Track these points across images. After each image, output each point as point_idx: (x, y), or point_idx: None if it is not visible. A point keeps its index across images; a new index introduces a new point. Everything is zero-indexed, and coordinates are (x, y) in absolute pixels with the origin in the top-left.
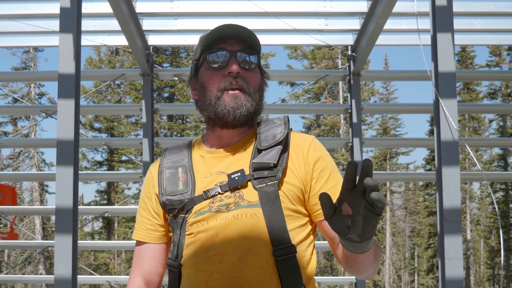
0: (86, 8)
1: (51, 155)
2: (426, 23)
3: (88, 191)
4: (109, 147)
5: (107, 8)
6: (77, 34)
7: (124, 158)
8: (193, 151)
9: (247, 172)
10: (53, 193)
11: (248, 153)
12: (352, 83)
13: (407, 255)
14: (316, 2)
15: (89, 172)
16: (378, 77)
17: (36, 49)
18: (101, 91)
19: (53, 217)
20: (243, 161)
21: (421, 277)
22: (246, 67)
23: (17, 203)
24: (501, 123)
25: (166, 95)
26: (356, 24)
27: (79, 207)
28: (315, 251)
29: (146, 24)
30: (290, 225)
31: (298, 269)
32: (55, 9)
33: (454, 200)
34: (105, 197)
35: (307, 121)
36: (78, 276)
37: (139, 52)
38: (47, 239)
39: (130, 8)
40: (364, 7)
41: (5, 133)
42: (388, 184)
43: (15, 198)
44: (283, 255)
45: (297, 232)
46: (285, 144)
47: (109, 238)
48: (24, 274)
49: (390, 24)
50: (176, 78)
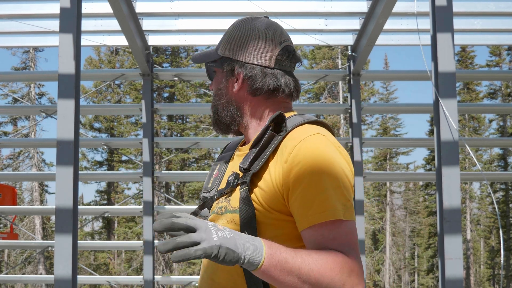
0: (86, 8)
1: (51, 155)
2: (426, 23)
3: (88, 191)
4: (109, 147)
5: (107, 8)
6: (77, 34)
7: (124, 158)
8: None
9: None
10: (53, 193)
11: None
12: (352, 83)
13: (407, 255)
14: (316, 2)
15: (89, 172)
16: (378, 77)
17: (36, 49)
18: (101, 91)
19: (53, 217)
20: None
21: (421, 277)
22: (211, 80)
23: (17, 203)
24: (501, 123)
25: (166, 95)
26: (356, 24)
27: (79, 207)
28: None
29: (146, 24)
30: (263, 234)
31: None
32: (55, 9)
33: (454, 200)
34: (105, 197)
35: None
36: (78, 276)
37: (139, 52)
38: (47, 239)
39: (130, 8)
40: (364, 7)
41: (5, 133)
42: (388, 184)
43: (15, 198)
44: None
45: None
46: (264, 145)
47: (109, 238)
48: (24, 274)
49: (390, 24)
50: (176, 78)
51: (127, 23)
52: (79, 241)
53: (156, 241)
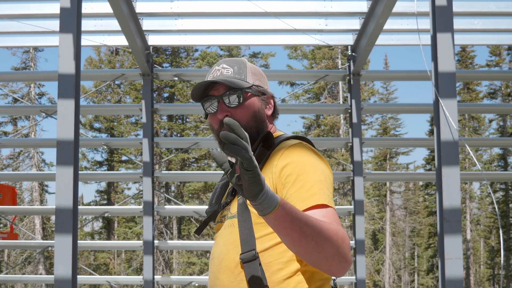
0: (86, 8)
1: (51, 155)
2: (426, 23)
3: (88, 191)
4: (109, 147)
5: (107, 8)
6: (77, 34)
7: (124, 158)
8: None
9: None
10: (53, 193)
11: None
12: (352, 83)
13: (407, 255)
14: (316, 2)
15: (89, 172)
16: (378, 77)
17: (36, 49)
18: (101, 91)
19: (53, 217)
20: None
21: (421, 277)
22: (232, 106)
23: (17, 203)
24: (501, 123)
25: (166, 95)
26: (356, 24)
27: (79, 207)
28: (295, 256)
29: (146, 24)
30: (258, 232)
31: (259, 273)
32: (55, 9)
33: (454, 200)
34: (105, 197)
35: (307, 121)
36: (78, 276)
37: (139, 52)
38: (47, 239)
39: (130, 8)
40: (364, 7)
41: (5, 133)
42: (388, 184)
43: (15, 198)
44: (247, 260)
45: (266, 239)
46: (256, 159)
47: (109, 238)
48: (24, 274)
49: (390, 24)
50: (176, 78)
51: (127, 23)
52: (79, 241)
53: (156, 241)
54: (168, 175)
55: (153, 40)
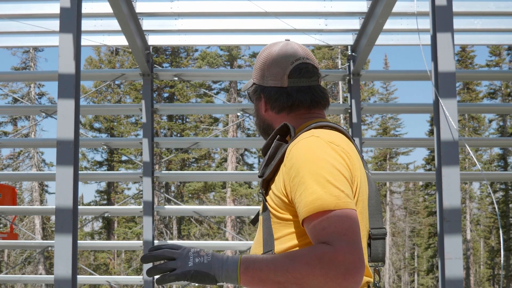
0: (86, 8)
1: (51, 155)
2: (426, 23)
3: (88, 191)
4: (109, 147)
5: (107, 8)
6: (77, 34)
7: (124, 158)
8: None
9: None
10: (53, 193)
11: None
12: (352, 83)
13: (407, 255)
14: (316, 2)
15: (89, 172)
16: (378, 77)
17: (36, 49)
18: (101, 91)
19: (53, 217)
20: None
21: (421, 277)
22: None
23: (17, 203)
24: (501, 123)
25: (166, 95)
26: (356, 24)
27: (79, 207)
28: None
29: (146, 24)
30: (277, 233)
31: None
32: (55, 9)
33: (454, 200)
34: (105, 197)
35: None
36: (78, 276)
37: (139, 52)
38: (47, 239)
39: (130, 8)
40: (364, 7)
41: (5, 133)
42: (388, 184)
43: (15, 198)
44: None
45: (285, 240)
46: (271, 154)
47: (109, 238)
48: (24, 274)
49: (390, 24)
50: (176, 78)
51: (127, 23)
52: (79, 241)
53: (156, 241)
54: (168, 175)
55: (153, 40)
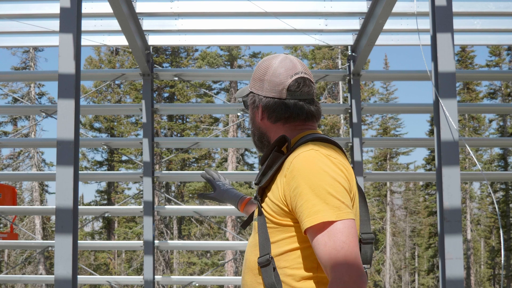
0: (86, 8)
1: (51, 155)
2: (426, 23)
3: (88, 191)
4: (109, 147)
5: (107, 8)
6: (77, 34)
7: (124, 158)
8: None
9: None
10: (53, 193)
11: None
12: (352, 83)
13: (407, 255)
14: (316, 2)
15: (89, 172)
16: (378, 77)
17: (36, 49)
18: (101, 91)
19: (53, 217)
20: None
21: (421, 277)
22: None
23: (17, 203)
24: (501, 123)
25: (166, 95)
26: (356, 24)
27: (79, 207)
28: (314, 258)
29: (146, 24)
30: (273, 237)
31: (272, 276)
32: (55, 9)
33: (454, 200)
34: (105, 197)
35: None
36: (78, 276)
37: (139, 52)
38: (47, 239)
39: (130, 8)
40: (364, 7)
41: (5, 133)
42: (388, 184)
43: (15, 198)
44: (263, 264)
45: (282, 244)
46: (269, 163)
47: (109, 238)
48: (24, 274)
49: (390, 24)
50: (176, 78)
51: (127, 23)
52: (79, 241)
53: (156, 241)
54: (168, 175)
55: (153, 40)
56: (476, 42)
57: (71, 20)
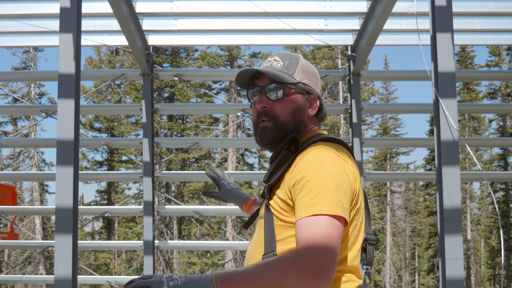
0: (86, 8)
1: (51, 155)
2: (425, 23)
3: (88, 191)
4: (109, 147)
5: (107, 8)
6: (77, 34)
7: (124, 158)
8: None
9: None
10: (53, 193)
11: None
12: (352, 83)
13: (407, 255)
14: (316, 2)
15: (89, 172)
16: (378, 77)
17: (36, 49)
18: (101, 91)
19: (53, 217)
20: None
21: (421, 277)
22: (272, 99)
23: (17, 203)
24: (501, 123)
25: (166, 95)
26: (355, 24)
27: (79, 207)
28: None
29: (146, 24)
30: (279, 235)
31: None
32: (55, 9)
33: (454, 200)
34: (105, 197)
35: None
36: (78, 276)
37: (139, 52)
38: (47, 239)
39: (130, 8)
40: (363, 7)
41: (5, 133)
42: (388, 184)
43: (15, 198)
44: None
45: (287, 242)
46: (280, 161)
47: (109, 238)
48: (24, 274)
49: (389, 24)
50: (176, 78)
51: (127, 23)
52: (79, 241)
53: (156, 241)
54: (168, 175)
55: (153, 40)
56: (476, 42)
57: (71, 20)
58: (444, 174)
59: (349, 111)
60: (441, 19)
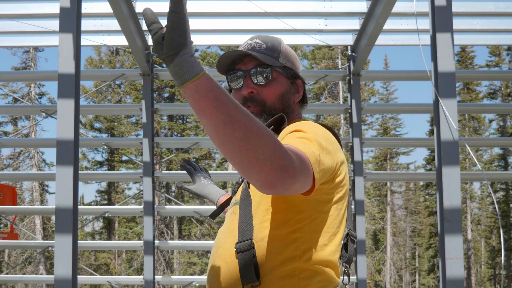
0: (86, 8)
1: (51, 155)
2: (425, 23)
3: (88, 191)
4: (109, 147)
5: (107, 8)
6: (77, 34)
7: (124, 158)
8: None
9: None
10: (53, 193)
11: None
12: (352, 83)
13: (408, 255)
14: (316, 2)
15: (89, 172)
16: (378, 77)
17: (36, 49)
18: (101, 91)
19: (53, 217)
20: None
21: (422, 277)
22: (260, 83)
23: (17, 203)
24: (501, 123)
25: (166, 95)
26: (355, 24)
27: (79, 207)
28: (297, 246)
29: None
30: (257, 219)
31: (252, 263)
32: (55, 9)
33: (454, 200)
34: (106, 197)
35: None
36: (78, 276)
37: (139, 52)
38: (47, 239)
39: (130, 8)
40: (363, 7)
41: (5, 133)
42: (388, 184)
43: (15, 198)
44: (242, 250)
45: (265, 226)
46: None
47: (109, 238)
48: (24, 274)
49: (389, 24)
50: None
51: (127, 23)
52: (79, 241)
53: (156, 241)
54: (168, 175)
55: None
56: (476, 42)
57: (71, 20)
58: (444, 174)
59: (349, 111)
60: (441, 19)
